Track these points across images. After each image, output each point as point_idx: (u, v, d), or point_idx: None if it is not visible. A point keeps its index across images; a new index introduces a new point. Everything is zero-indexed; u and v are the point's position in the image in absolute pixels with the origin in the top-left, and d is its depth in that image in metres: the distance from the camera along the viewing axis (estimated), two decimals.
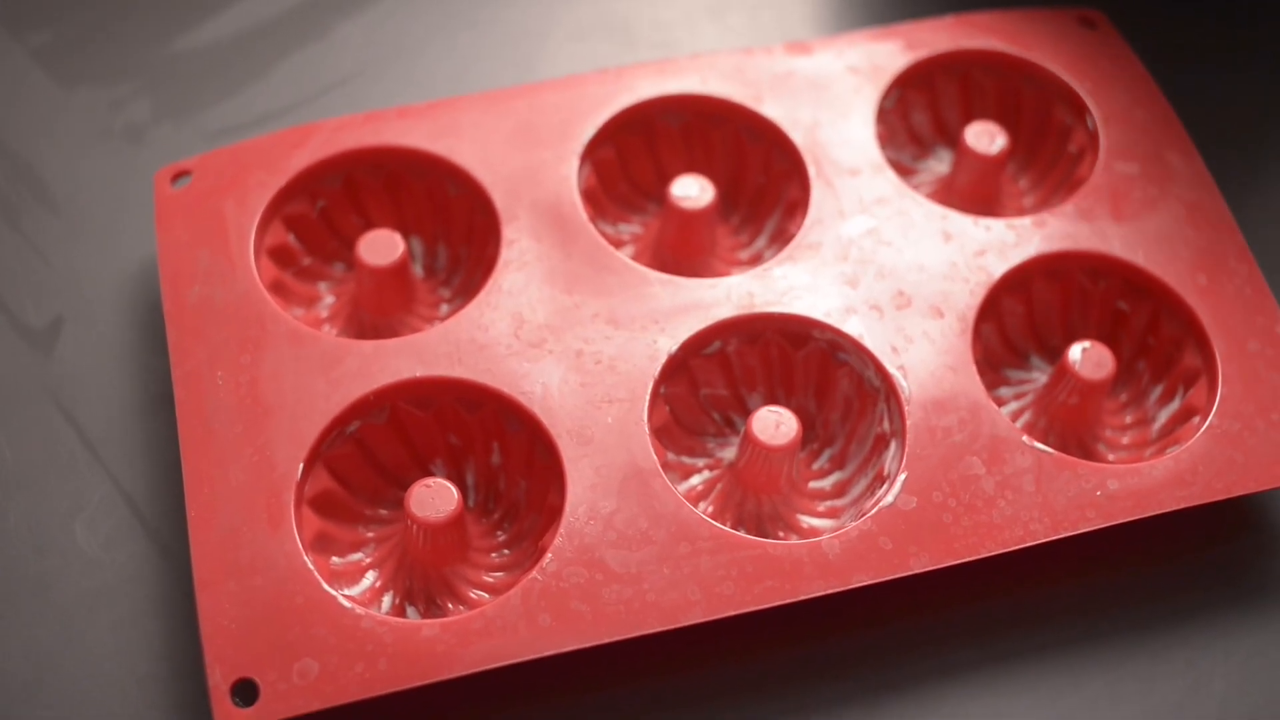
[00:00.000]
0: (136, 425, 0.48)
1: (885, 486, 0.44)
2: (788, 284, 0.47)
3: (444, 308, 0.50)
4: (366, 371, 0.45)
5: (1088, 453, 0.47)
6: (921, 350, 0.46)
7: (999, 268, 0.48)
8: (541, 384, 0.45)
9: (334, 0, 0.58)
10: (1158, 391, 0.48)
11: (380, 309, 0.49)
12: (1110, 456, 0.47)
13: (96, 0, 0.58)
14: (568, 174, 0.49)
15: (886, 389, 0.46)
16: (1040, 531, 0.44)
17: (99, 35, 0.57)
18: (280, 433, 0.44)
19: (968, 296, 0.47)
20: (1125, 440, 0.48)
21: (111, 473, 0.47)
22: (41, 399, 0.49)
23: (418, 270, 0.51)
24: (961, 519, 0.44)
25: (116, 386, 0.49)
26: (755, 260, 0.51)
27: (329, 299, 0.50)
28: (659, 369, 0.46)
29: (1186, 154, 0.51)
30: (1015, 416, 0.48)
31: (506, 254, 0.48)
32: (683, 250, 0.50)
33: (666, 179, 0.52)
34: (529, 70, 0.56)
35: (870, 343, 0.47)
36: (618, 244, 0.51)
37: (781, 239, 0.50)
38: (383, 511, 0.46)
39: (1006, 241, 0.49)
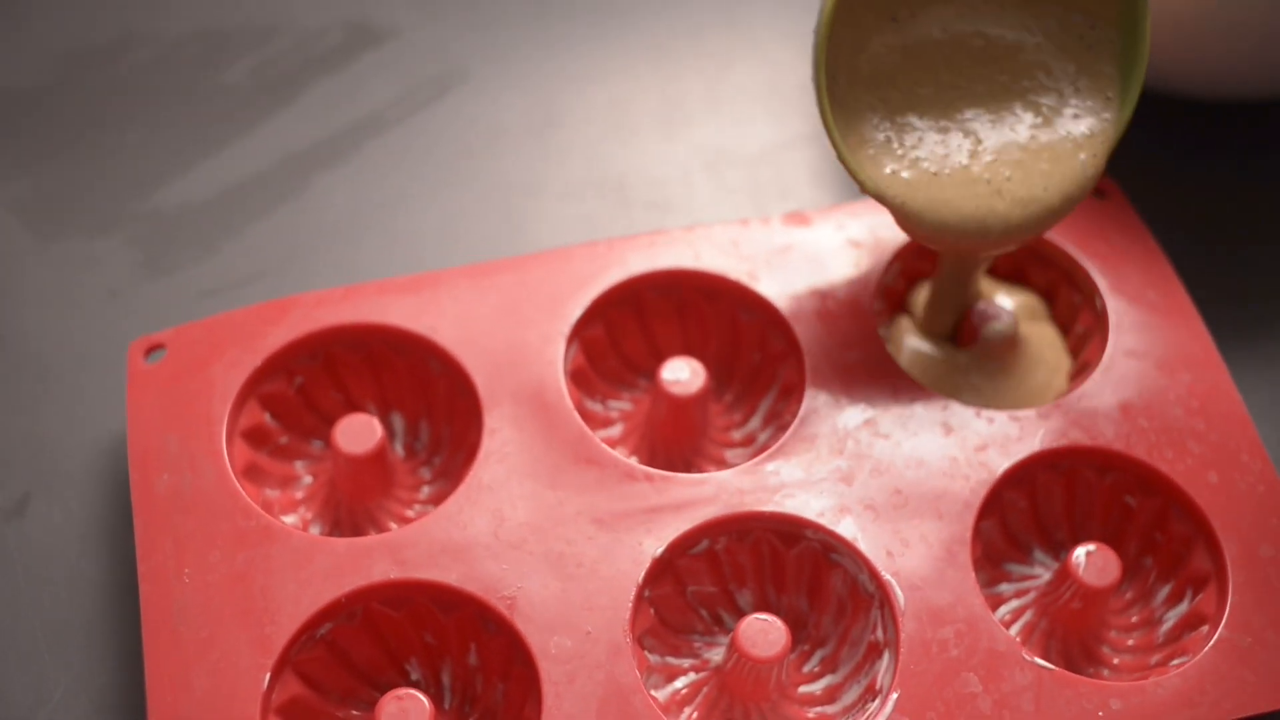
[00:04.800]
0: (104, 612, 0.47)
1: (878, 704, 0.43)
2: (779, 480, 0.46)
3: (425, 490, 0.48)
4: (339, 571, 0.44)
5: (1091, 655, 0.45)
6: (918, 555, 0.45)
7: (1001, 463, 0.46)
8: (519, 588, 0.44)
9: (315, 154, 0.56)
10: (1165, 591, 0.47)
11: (358, 495, 0.47)
12: (1115, 660, 0.46)
13: (76, 153, 0.56)
14: (553, 358, 0.47)
15: (881, 596, 0.44)
16: None
17: (79, 189, 0.55)
18: (247, 638, 0.43)
19: (968, 495, 0.46)
20: (1130, 642, 0.46)
21: (75, 665, 0.46)
22: (4, 583, 0.47)
23: (398, 449, 0.49)
24: None
25: (84, 570, 0.47)
26: (748, 441, 0.49)
27: (306, 479, 0.48)
28: (643, 574, 0.44)
29: (1199, 339, 0.49)
30: (1016, 615, 0.46)
31: (488, 444, 0.46)
32: (673, 433, 0.48)
33: (658, 354, 0.50)
34: (519, 229, 0.55)
35: (865, 546, 0.45)
36: (606, 422, 0.49)
37: (776, 421, 0.49)
38: (355, 713, 0.44)
39: (1009, 435, 0.47)
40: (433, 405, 0.49)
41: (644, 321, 0.50)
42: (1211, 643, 0.44)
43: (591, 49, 0.60)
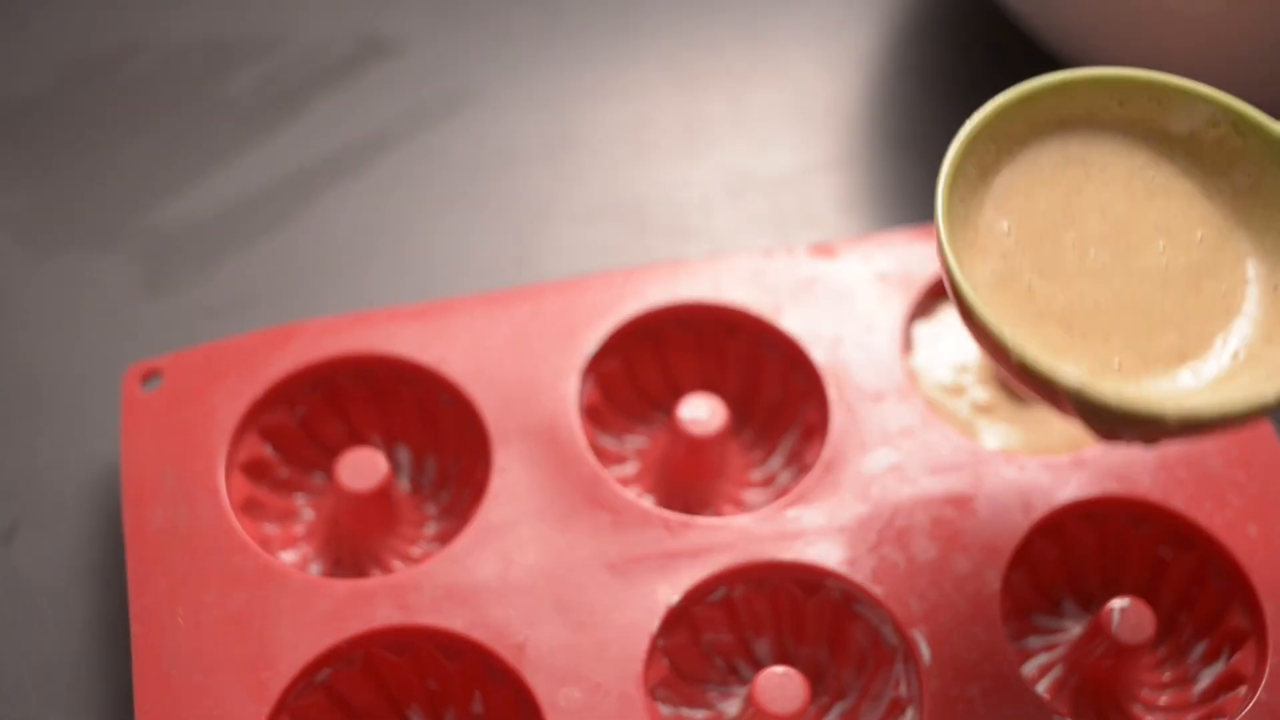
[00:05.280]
0: (93, 649, 0.45)
1: None
2: (800, 526, 0.44)
3: (430, 527, 0.46)
4: (339, 615, 0.42)
5: (1122, 713, 0.44)
6: (945, 607, 0.43)
7: (1033, 513, 0.44)
8: (528, 635, 0.42)
9: (320, 171, 0.54)
10: (1201, 649, 0.45)
11: (360, 532, 0.45)
12: (1147, 718, 0.44)
13: (74, 165, 0.54)
14: (566, 393, 0.46)
15: (905, 650, 0.42)
16: None
17: (75, 202, 0.53)
18: (242, 683, 0.41)
19: (998, 545, 0.44)
20: (1163, 701, 0.44)
21: (63, 703, 0.44)
22: None
23: (404, 483, 0.47)
24: None
25: (73, 604, 0.46)
26: (768, 481, 0.47)
27: (307, 513, 0.46)
28: (658, 624, 0.42)
29: None
30: (1044, 671, 0.44)
31: (497, 483, 0.44)
32: (690, 473, 0.46)
33: (675, 389, 0.48)
34: (530, 253, 0.53)
35: (888, 596, 0.43)
36: (621, 459, 0.47)
37: (797, 462, 0.47)
38: None
39: (1041, 483, 0.45)
40: (440, 440, 0.47)
41: (662, 354, 0.48)
42: (1250, 705, 0.42)
43: (608, 66, 0.58)
